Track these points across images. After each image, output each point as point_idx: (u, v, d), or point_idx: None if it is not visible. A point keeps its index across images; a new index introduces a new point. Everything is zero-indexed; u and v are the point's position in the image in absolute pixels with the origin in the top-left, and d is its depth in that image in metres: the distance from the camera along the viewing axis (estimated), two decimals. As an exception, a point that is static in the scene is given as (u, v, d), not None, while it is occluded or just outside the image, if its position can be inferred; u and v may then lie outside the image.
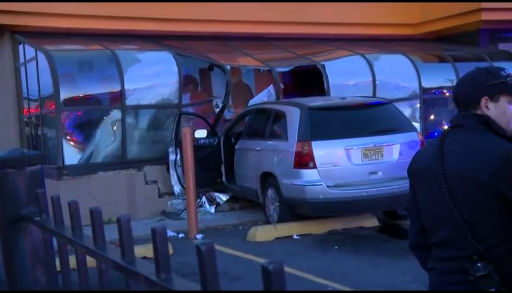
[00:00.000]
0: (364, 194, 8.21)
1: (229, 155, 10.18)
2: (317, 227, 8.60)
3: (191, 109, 12.08)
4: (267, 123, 9.40)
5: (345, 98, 9.59)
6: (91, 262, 1.57)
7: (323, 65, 11.76)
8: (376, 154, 8.40)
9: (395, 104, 9.69)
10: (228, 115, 12.46)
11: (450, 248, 2.33)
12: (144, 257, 6.50)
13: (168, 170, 10.38)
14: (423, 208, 2.45)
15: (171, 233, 8.60)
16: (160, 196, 10.53)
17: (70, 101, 10.38)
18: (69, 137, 10.45)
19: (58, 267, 1.94)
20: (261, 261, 1.22)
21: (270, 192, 8.95)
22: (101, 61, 11.27)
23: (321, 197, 8.16)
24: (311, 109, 8.59)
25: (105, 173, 10.21)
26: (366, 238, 8.25)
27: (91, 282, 1.76)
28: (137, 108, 10.69)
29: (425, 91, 12.33)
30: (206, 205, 10.34)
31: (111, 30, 11.62)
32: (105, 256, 1.51)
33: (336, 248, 7.76)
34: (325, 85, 11.53)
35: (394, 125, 8.79)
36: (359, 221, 8.83)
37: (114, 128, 10.58)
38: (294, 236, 8.37)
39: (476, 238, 2.23)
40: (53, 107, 10.19)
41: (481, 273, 2.20)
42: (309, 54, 12.74)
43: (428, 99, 12.47)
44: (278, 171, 8.69)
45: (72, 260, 1.77)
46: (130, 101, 10.51)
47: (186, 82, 12.05)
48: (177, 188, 10.32)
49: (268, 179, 8.97)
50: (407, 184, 2.59)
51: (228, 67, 11.66)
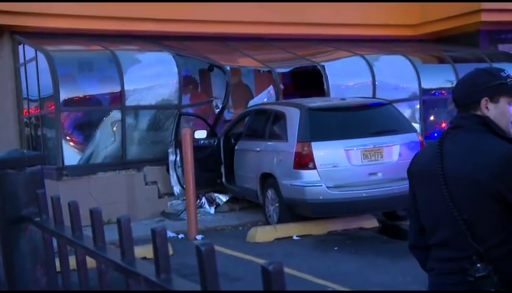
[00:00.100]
0: (364, 195, 8.21)
1: (229, 156, 10.17)
2: (317, 228, 8.59)
3: (190, 110, 12.07)
4: (267, 124, 9.40)
5: (345, 99, 9.59)
6: (91, 262, 1.58)
7: (323, 66, 11.76)
8: (376, 154, 8.40)
9: (394, 104, 9.67)
10: (228, 115, 12.45)
11: (450, 249, 2.33)
12: (144, 258, 6.48)
13: (168, 171, 10.37)
14: (423, 209, 2.45)
15: (171, 234, 8.59)
16: (160, 197, 10.53)
17: (70, 102, 10.38)
18: (68, 138, 10.45)
19: (58, 268, 1.94)
20: (261, 262, 1.22)
21: (270, 193, 8.94)
22: (101, 61, 11.27)
23: (321, 198, 8.16)
24: (310, 110, 8.58)
25: (105, 173, 10.20)
26: (366, 239, 8.25)
27: (91, 283, 1.76)
28: (137, 109, 10.68)
29: (424, 92, 12.32)
30: (206, 206, 10.33)
31: (111, 31, 11.62)
32: (105, 256, 1.51)
33: (335, 249, 7.75)
34: (325, 86, 11.53)
35: (393, 126, 8.78)
36: (359, 222, 8.83)
37: (114, 129, 10.57)
38: (294, 237, 8.36)
39: (475, 239, 2.23)
40: (53, 107, 10.18)
41: (481, 273, 2.20)
42: (309, 55, 12.74)
43: (428, 100, 12.47)
44: (278, 171, 8.69)
45: (72, 260, 1.77)
46: (129, 102, 10.50)
47: (186, 83, 12.05)
48: (176, 188, 10.31)
49: (268, 179, 8.97)
50: (407, 185, 2.60)
51: (228, 68, 11.66)
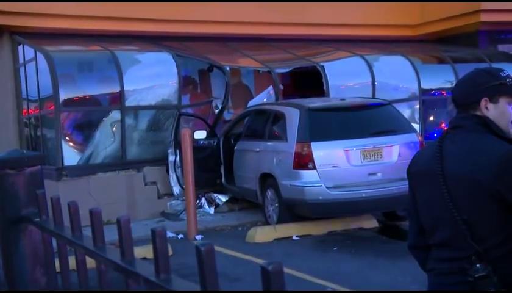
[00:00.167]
0: (364, 195, 8.21)
1: (228, 156, 10.17)
2: (316, 228, 8.59)
3: (190, 110, 12.06)
4: (266, 124, 9.40)
5: (344, 99, 9.58)
6: (91, 262, 1.57)
7: (323, 66, 11.76)
8: (376, 155, 8.40)
9: (394, 105, 9.67)
10: (227, 116, 12.45)
11: (449, 249, 2.33)
12: (144, 258, 6.47)
13: (168, 171, 10.36)
14: (423, 209, 2.44)
15: (171, 234, 8.59)
16: (160, 197, 10.52)
17: (69, 102, 10.38)
18: (68, 138, 10.45)
19: (58, 268, 1.94)
20: (261, 262, 1.22)
21: (270, 193, 8.94)
22: (100, 62, 11.26)
23: (320, 198, 8.16)
24: (310, 110, 8.58)
25: (105, 173, 10.20)
26: (366, 239, 8.25)
27: (90, 283, 1.76)
28: (136, 109, 10.68)
29: (424, 92, 12.32)
30: (206, 206, 10.33)
31: (111, 31, 11.62)
32: (105, 256, 1.51)
33: (335, 249, 7.75)
34: (325, 86, 11.53)
35: (393, 126, 8.78)
36: (359, 222, 8.83)
37: (114, 129, 10.57)
38: (294, 237, 8.36)
39: (475, 239, 2.23)
40: (53, 107, 10.18)
41: (480, 273, 2.20)
42: (309, 55, 12.74)
43: (428, 100, 12.47)
44: (277, 172, 8.69)
45: (72, 261, 1.77)
46: (129, 102, 10.50)
47: (185, 83, 12.05)
48: (176, 189, 10.31)
49: (267, 180, 8.97)
50: (406, 185, 2.59)
51: (228, 68, 11.65)
